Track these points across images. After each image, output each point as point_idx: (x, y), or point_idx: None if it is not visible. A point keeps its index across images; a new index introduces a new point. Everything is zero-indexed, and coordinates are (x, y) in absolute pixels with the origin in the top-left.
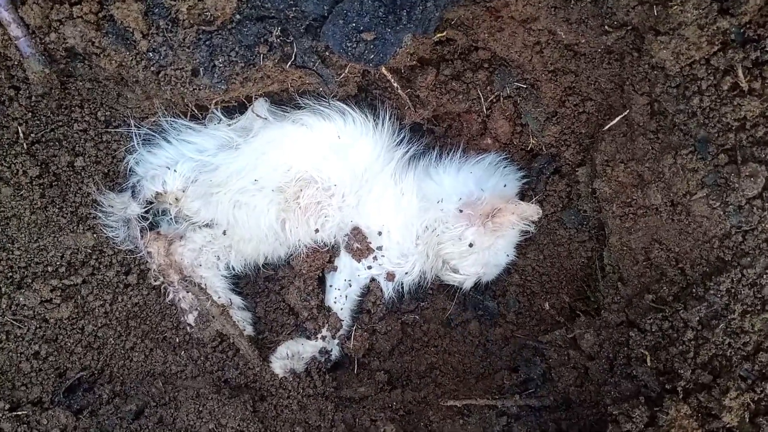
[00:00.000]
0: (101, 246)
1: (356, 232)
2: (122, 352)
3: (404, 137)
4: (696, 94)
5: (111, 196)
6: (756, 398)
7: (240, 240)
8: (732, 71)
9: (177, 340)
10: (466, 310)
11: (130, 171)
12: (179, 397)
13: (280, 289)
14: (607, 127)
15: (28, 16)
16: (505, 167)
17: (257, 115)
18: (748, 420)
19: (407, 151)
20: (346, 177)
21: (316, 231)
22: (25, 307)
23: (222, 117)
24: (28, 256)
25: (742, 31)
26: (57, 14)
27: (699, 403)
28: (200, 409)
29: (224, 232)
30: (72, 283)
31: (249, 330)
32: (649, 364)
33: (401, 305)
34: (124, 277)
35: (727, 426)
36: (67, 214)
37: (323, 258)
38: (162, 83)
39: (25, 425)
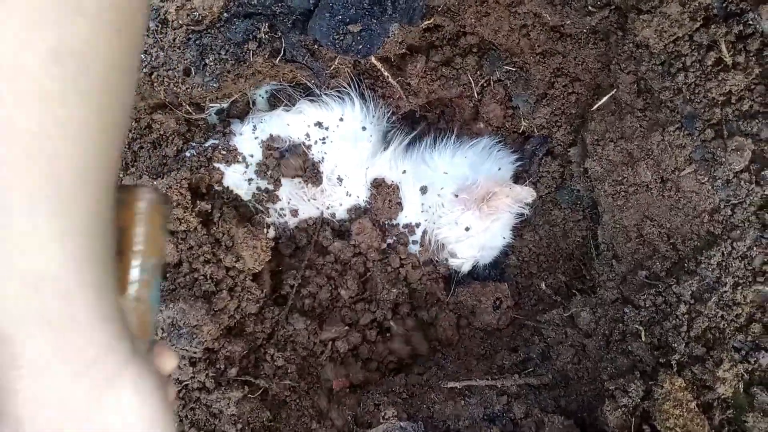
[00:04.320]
0: None
1: None
2: None
3: (399, 125)
4: (681, 71)
5: None
6: (750, 369)
7: None
8: (715, 46)
9: None
10: None
11: None
12: None
13: None
14: (595, 107)
15: None
16: (498, 151)
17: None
18: (742, 390)
19: (402, 139)
20: (345, 165)
21: None
22: None
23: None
24: None
25: (724, 5)
26: None
27: (693, 375)
28: None
29: None
30: None
31: None
32: (643, 339)
33: None
34: None
35: (722, 396)
36: None
37: None
38: (155, 84)
39: None
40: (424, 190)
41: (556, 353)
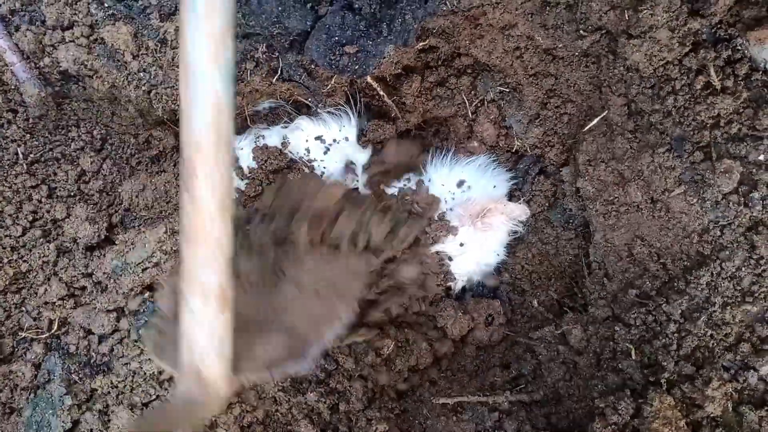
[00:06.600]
0: None
1: None
2: None
3: None
4: (670, 94)
5: None
6: (739, 387)
7: None
8: (704, 71)
9: None
10: None
11: None
12: None
13: None
14: (587, 127)
15: (23, 43)
16: (494, 169)
17: None
18: (731, 409)
19: None
20: (343, 179)
21: None
22: None
23: None
24: None
25: (713, 31)
26: (50, 39)
27: (683, 393)
28: None
29: None
30: None
31: None
32: (634, 358)
33: None
34: None
35: (711, 415)
36: None
37: None
38: (154, 101)
39: None
40: None
41: (547, 370)
